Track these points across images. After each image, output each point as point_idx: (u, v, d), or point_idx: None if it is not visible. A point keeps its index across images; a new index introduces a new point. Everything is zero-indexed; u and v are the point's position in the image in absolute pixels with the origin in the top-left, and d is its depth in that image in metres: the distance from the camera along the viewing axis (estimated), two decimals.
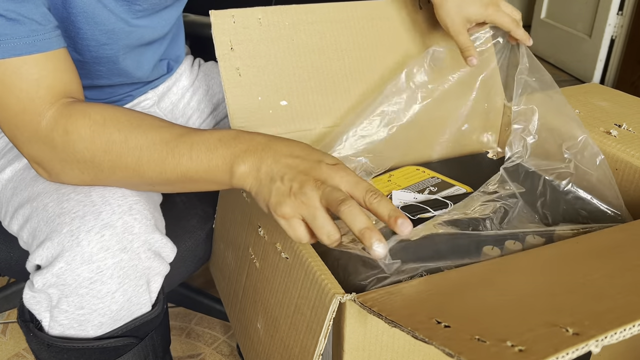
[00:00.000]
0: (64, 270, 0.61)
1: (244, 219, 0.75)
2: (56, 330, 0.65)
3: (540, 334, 0.36)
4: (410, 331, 0.40)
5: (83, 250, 0.61)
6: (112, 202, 0.64)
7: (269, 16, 0.86)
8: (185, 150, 0.61)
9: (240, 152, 0.60)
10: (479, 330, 0.37)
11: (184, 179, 0.62)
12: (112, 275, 0.62)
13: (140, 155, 0.62)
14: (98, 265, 0.61)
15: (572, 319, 0.39)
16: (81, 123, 0.62)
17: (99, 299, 0.63)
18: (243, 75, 0.83)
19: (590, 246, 0.62)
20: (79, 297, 0.62)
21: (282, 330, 0.62)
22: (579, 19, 2.86)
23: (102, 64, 0.80)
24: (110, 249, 0.62)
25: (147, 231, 0.65)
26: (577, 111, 0.90)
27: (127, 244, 0.63)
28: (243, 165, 0.60)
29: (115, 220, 0.62)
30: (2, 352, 1.19)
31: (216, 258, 0.89)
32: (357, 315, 0.53)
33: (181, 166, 0.61)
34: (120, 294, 0.64)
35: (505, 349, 0.35)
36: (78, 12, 0.71)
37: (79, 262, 0.61)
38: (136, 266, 0.64)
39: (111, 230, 0.62)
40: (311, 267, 0.56)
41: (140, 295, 0.67)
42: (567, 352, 0.34)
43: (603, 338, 0.36)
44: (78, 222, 0.62)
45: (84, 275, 0.61)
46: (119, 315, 0.66)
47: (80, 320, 0.64)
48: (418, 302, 0.48)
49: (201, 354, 1.20)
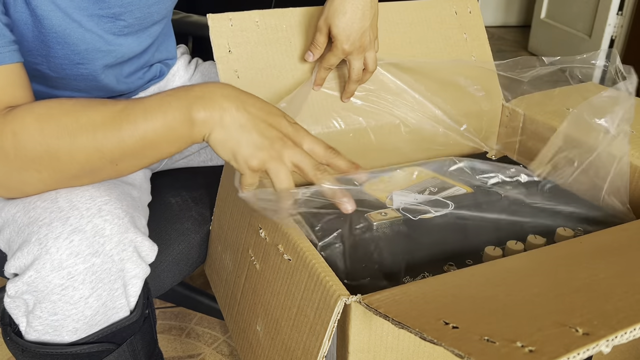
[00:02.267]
0: (34, 278, 0.59)
1: (243, 221, 0.74)
2: (32, 336, 0.64)
3: (550, 334, 0.36)
4: (418, 332, 0.39)
5: (52, 257, 0.59)
6: (79, 206, 0.62)
7: (266, 19, 0.87)
8: (140, 112, 0.59)
9: (196, 99, 0.59)
10: (487, 330, 0.37)
11: (143, 143, 0.60)
12: (84, 280, 0.61)
13: (95, 129, 0.59)
14: (69, 272, 0.60)
15: (581, 319, 0.38)
16: (27, 120, 0.59)
17: (72, 304, 0.61)
18: (241, 77, 0.84)
19: (594, 246, 0.62)
20: (52, 303, 0.61)
21: (284, 332, 0.61)
22: (579, 19, 2.87)
23: (79, 80, 0.79)
24: (80, 254, 0.60)
25: (119, 231, 0.63)
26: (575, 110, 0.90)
27: (99, 247, 0.61)
28: (202, 112, 0.59)
29: (84, 224, 0.60)
30: (2, 352, 1.18)
31: (212, 260, 0.89)
32: (362, 316, 0.52)
33: (138, 130, 0.59)
34: (94, 299, 0.62)
35: (516, 349, 0.34)
36: (48, 32, 0.69)
37: (48, 270, 0.59)
38: (109, 269, 0.62)
39: (80, 235, 0.60)
40: (315, 269, 0.55)
41: (116, 299, 0.65)
42: (578, 352, 0.33)
43: (613, 338, 0.35)
44: (45, 229, 0.60)
45: (55, 282, 0.60)
46: (94, 320, 0.64)
47: (55, 325, 0.63)
48: (424, 303, 0.47)
49: (201, 354, 1.19)
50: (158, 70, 0.95)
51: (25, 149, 0.59)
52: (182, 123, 0.59)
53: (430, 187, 0.80)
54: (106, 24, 0.75)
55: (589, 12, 2.78)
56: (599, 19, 2.69)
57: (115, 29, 0.76)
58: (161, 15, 0.83)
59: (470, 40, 1.01)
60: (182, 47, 1.07)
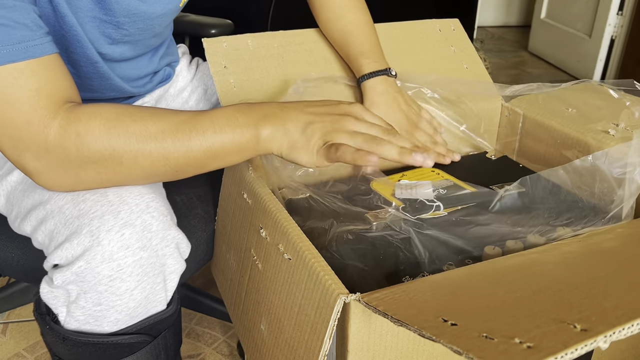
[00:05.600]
0: (83, 268, 0.62)
1: (245, 221, 0.75)
2: (72, 325, 0.66)
3: (548, 331, 0.36)
4: (417, 330, 0.39)
5: (104, 249, 0.61)
6: (129, 201, 0.64)
7: (259, 40, 0.91)
8: (208, 125, 0.63)
9: (261, 117, 0.64)
10: (486, 327, 0.37)
11: (210, 154, 0.63)
12: (131, 272, 0.63)
13: (164, 138, 0.62)
14: (118, 264, 0.62)
15: (579, 316, 0.38)
16: (94, 124, 0.60)
17: (118, 296, 0.64)
18: (237, 87, 0.86)
19: (593, 245, 0.62)
20: (98, 294, 0.63)
21: (286, 331, 0.62)
22: (579, 19, 2.87)
23: (94, 79, 0.80)
24: (130, 247, 0.62)
25: (164, 228, 0.66)
26: (574, 110, 0.90)
27: (147, 242, 0.64)
28: (266, 129, 0.64)
29: (134, 219, 0.63)
30: (2, 352, 1.18)
31: (218, 260, 0.89)
32: (361, 315, 0.53)
33: (207, 140, 0.63)
34: (138, 291, 0.65)
35: (514, 345, 0.34)
36: (68, 28, 0.70)
37: (99, 261, 0.61)
38: (154, 264, 0.65)
39: (131, 229, 0.62)
40: (314, 268, 0.55)
41: (157, 293, 0.67)
42: (575, 348, 0.34)
43: (611, 334, 0.36)
44: (97, 222, 0.62)
45: (104, 273, 0.62)
46: (136, 312, 0.66)
47: (97, 316, 0.65)
48: (423, 301, 0.47)
49: (201, 354, 1.20)
50: (166, 74, 0.97)
51: (89, 150, 0.61)
52: (248, 139, 0.64)
53: (440, 189, 0.80)
54: (107, 29, 0.75)
55: (589, 12, 2.78)
56: (599, 19, 2.69)
57: (117, 35, 0.77)
58: (162, 28, 0.84)
59: (459, 51, 1.03)
60: (182, 46, 1.08)
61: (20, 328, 1.25)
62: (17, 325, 1.26)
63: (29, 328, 1.25)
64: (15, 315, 1.29)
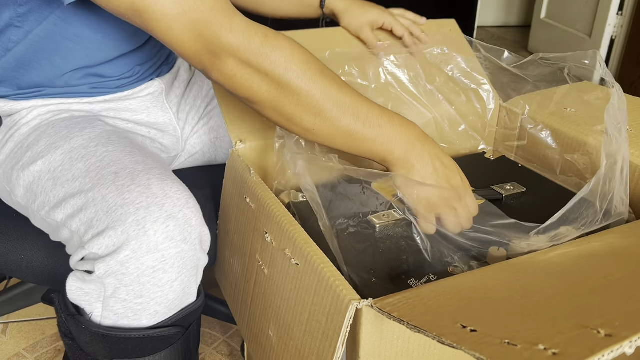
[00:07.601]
0: (129, 258, 0.62)
1: (248, 225, 0.74)
2: (109, 320, 0.66)
3: (572, 337, 0.35)
4: (436, 337, 0.38)
5: (149, 239, 0.62)
6: (171, 195, 0.66)
7: None
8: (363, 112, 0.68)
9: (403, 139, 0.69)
10: (507, 333, 0.36)
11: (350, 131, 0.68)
12: (173, 264, 0.64)
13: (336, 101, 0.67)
14: (162, 255, 0.63)
15: (601, 320, 0.37)
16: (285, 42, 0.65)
17: (159, 287, 0.65)
18: None
19: (603, 246, 0.61)
20: (140, 285, 0.64)
21: (296, 337, 0.60)
22: (578, 19, 2.86)
23: None
24: (174, 239, 0.64)
25: (201, 224, 0.68)
26: (573, 110, 0.90)
27: (187, 235, 0.65)
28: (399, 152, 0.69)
29: (177, 212, 0.65)
30: (2, 352, 1.18)
31: (221, 264, 0.88)
32: (373, 320, 0.52)
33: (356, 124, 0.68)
34: (178, 283, 0.66)
35: (539, 352, 0.33)
36: None
37: (145, 251, 0.62)
38: (192, 257, 0.67)
39: (175, 221, 0.64)
40: (324, 273, 0.54)
41: (191, 285, 0.69)
42: (602, 355, 0.33)
43: (637, 339, 0.35)
44: (143, 212, 0.63)
45: (148, 264, 0.63)
46: (174, 304, 0.68)
47: (137, 309, 0.65)
48: (438, 307, 0.46)
49: (201, 354, 1.19)
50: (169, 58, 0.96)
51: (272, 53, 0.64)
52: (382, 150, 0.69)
53: None
54: None
55: (589, 12, 2.78)
56: (599, 19, 2.69)
57: None
58: None
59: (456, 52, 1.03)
60: None
61: (21, 328, 1.24)
62: (17, 325, 1.25)
63: (29, 328, 1.24)
64: (15, 315, 1.28)
